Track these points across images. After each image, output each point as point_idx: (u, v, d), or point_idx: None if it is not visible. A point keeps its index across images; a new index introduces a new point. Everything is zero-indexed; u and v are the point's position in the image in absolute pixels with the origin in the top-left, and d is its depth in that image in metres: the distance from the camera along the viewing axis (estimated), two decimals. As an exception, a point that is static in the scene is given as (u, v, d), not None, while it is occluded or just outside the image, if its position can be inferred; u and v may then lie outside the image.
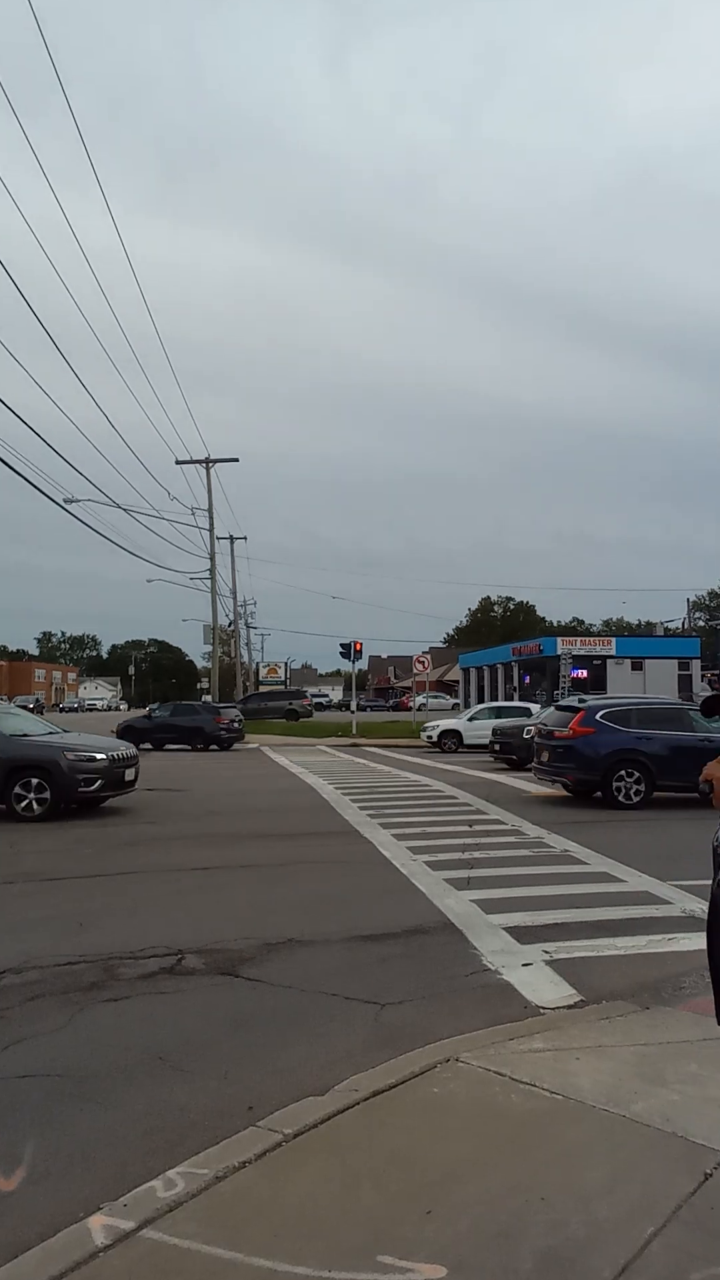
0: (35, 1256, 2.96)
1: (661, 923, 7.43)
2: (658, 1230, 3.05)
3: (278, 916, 7.72)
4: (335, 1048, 4.87)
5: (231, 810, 14.88)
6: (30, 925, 7.50)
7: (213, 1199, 3.26)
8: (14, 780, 13.55)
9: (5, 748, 13.85)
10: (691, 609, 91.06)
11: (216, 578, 45.91)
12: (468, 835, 11.94)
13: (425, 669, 43.06)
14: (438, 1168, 3.47)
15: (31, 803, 13.57)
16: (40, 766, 13.77)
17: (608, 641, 60.08)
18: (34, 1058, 4.75)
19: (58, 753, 13.92)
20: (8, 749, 13.86)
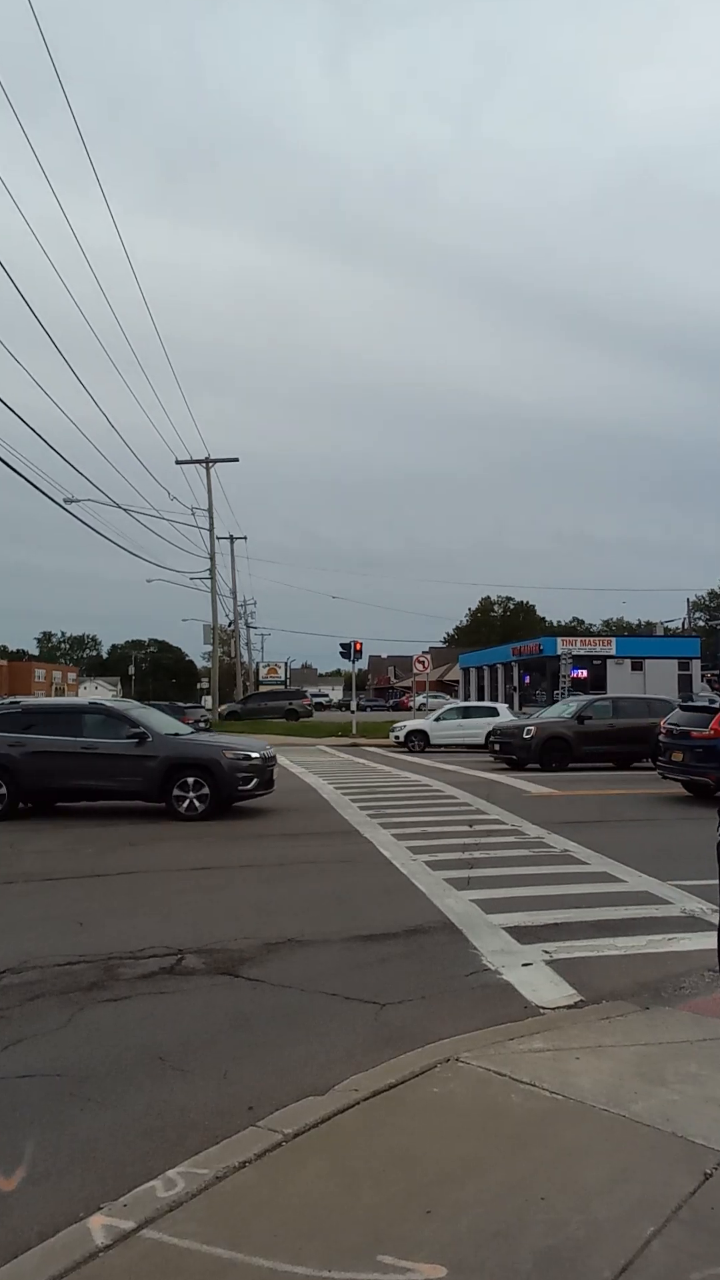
0: (35, 1256, 2.96)
1: (661, 923, 7.43)
2: (658, 1230, 3.05)
3: (278, 916, 7.72)
4: (335, 1047, 4.87)
5: (231, 810, 14.87)
6: (30, 925, 7.50)
7: (213, 1199, 3.27)
8: (174, 780, 13.43)
9: (164, 747, 13.76)
10: (691, 609, 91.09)
11: (216, 578, 45.97)
12: (468, 835, 11.94)
13: (425, 669, 43.06)
14: (438, 1168, 3.48)
15: (192, 802, 13.48)
16: (201, 766, 13.65)
17: (608, 641, 60.09)
18: (34, 1058, 4.76)
19: (218, 752, 13.89)
20: (167, 748, 13.77)
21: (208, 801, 13.47)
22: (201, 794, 13.48)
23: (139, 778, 13.51)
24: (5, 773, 13.60)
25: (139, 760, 13.49)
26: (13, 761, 13.61)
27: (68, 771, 13.59)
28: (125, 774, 13.52)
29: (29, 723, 14.07)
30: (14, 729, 13.94)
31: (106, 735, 13.84)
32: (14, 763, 13.60)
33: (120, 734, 13.78)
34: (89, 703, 16.08)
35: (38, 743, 13.70)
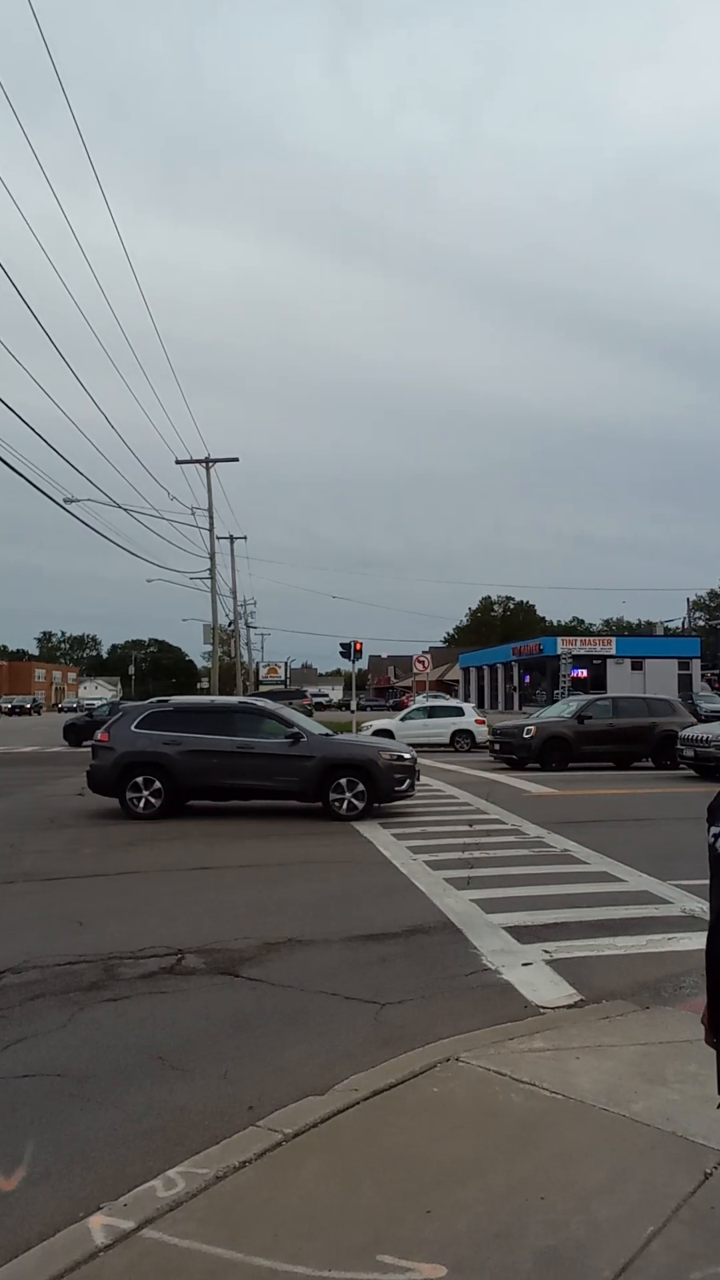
0: (35, 1256, 2.96)
1: (661, 922, 7.43)
2: (658, 1230, 3.05)
3: (278, 916, 7.72)
4: (335, 1047, 4.87)
5: (231, 809, 14.87)
6: (30, 925, 7.50)
7: (213, 1199, 3.27)
8: (330, 780, 13.37)
9: (320, 747, 13.72)
10: (691, 609, 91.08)
11: (216, 577, 45.89)
12: (467, 835, 11.94)
13: (425, 669, 43.08)
14: (438, 1167, 3.47)
15: (350, 802, 13.41)
16: (358, 766, 13.57)
17: (608, 641, 60.14)
18: (34, 1057, 4.75)
19: (374, 752, 13.86)
20: (323, 748, 13.73)
21: (364, 800, 13.40)
22: (358, 793, 13.40)
23: (296, 778, 13.47)
24: (162, 771, 13.53)
25: (296, 760, 13.45)
26: (169, 760, 13.52)
27: (223, 770, 13.53)
28: (282, 774, 13.49)
29: (180, 721, 13.98)
30: (166, 727, 13.83)
31: (260, 735, 13.82)
32: (170, 761, 13.52)
33: (274, 734, 13.78)
34: (239, 701, 16.06)
35: (193, 741, 13.60)
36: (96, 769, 13.96)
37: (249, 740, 13.69)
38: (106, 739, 13.98)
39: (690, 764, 19.47)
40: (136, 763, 13.58)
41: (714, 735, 19.10)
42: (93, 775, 14.07)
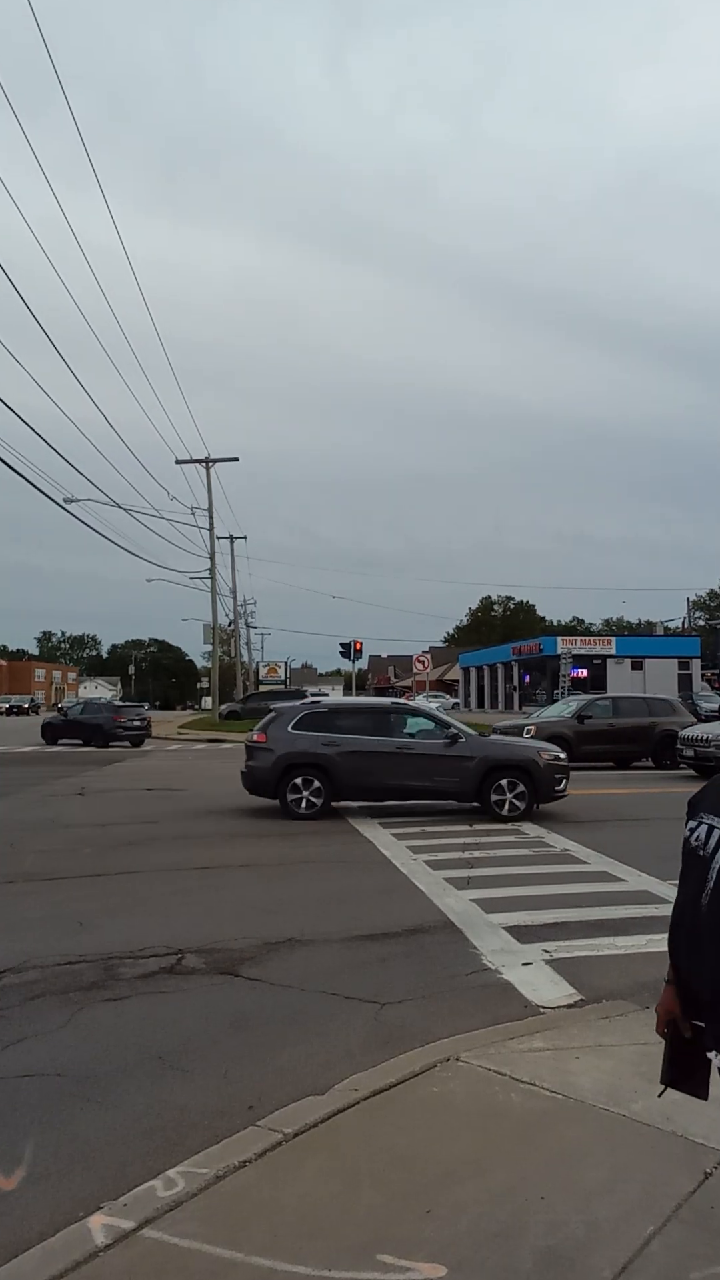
0: (35, 1256, 2.96)
1: (661, 922, 7.39)
2: (658, 1230, 3.05)
3: (277, 916, 7.72)
4: (335, 1047, 4.87)
5: (232, 809, 14.87)
6: (30, 925, 7.50)
7: (213, 1198, 3.27)
8: (491, 781, 13.29)
9: (480, 748, 13.68)
10: (691, 609, 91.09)
11: (216, 577, 45.95)
12: (467, 835, 11.94)
13: (425, 668, 43.09)
14: (438, 1167, 3.48)
15: (511, 802, 13.32)
16: (519, 767, 13.51)
17: (608, 641, 60.13)
18: (34, 1057, 4.75)
19: (534, 752, 13.85)
20: (483, 749, 13.69)
21: (525, 801, 13.32)
22: (519, 794, 13.32)
23: (456, 778, 13.40)
24: (322, 772, 13.47)
25: (456, 761, 13.39)
26: (329, 761, 13.46)
27: (384, 771, 13.47)
28: (442, 774, 13.43)
29: (336, 722, 13.91)
30: (323, 728, 13.75)
31: (418, 735, 13.79)
32: (330, 762, 13.46)
33: (432, 734, 13.76)
34: (393, 702, 15.92)
35: (352, 742, 13.54)
36: (256, 770, 13.82)
37: (408, 741, 13.66)
38: (264, 740, 13.83)
39: (690, 764, 19.47)
40: (297, 764, 13.53)
41: (714, 735, 19.09)
42: (251, 776, 13.93)
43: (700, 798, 2.43)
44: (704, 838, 2.29)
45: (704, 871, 2.24)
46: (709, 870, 2.22)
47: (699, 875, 2.26)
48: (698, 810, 2.38)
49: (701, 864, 2.26)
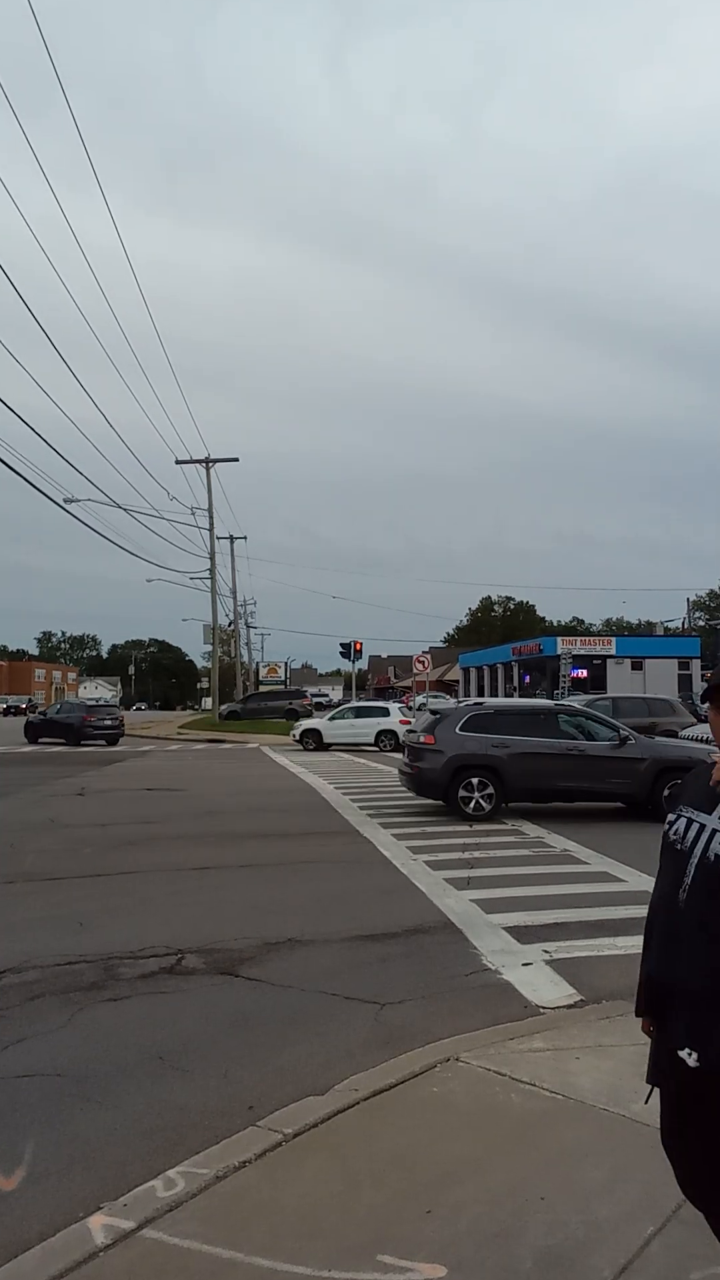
0: (35, 1256, 2.96)
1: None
2: (658, 1230, 3.05)
3: (278, 916, 7.72)
4: (335, 1047, 4.87)
5: (231, 810, 14.88)
6: (30, 925, 7.50)
7: (213, 1199, 3.27)
8: (664, 782, 13.17)
9: (649, 749, 13.65)
10: (691, 609, 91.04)
11: (216, 577, 45.95)
12: (467, 835, 11.94)
13: (425, 669, 43.07)
14: (438, 1167, 3.48)
15: None
16: (689, 769, 13.50)
17: (608, 641, 60.12)
18: (34, 1057, 4.75)
19: (705, 754, 13.78)
20: (653, 751, 13.66)
21: None
22: None
23: (627, 780, 13.38)
24: (494, 774, 13.42)
25: (626, 762, 13.37)
26: (500, 763, 13.42)
27: (555, 773, 13.46)
28: (613, 776, 13.42)
29: (503, 723, 13.85)
30: (490, 730, 13.69)
31: (587, 737, 13.78)
32: (501, 764, 13.43)
33: (600, 736, 13.73)
34: (557, 705, 15.88)
35: (522, 744, 13.51)
36: (426, 771, 13.71)
37: (577, 743, 13.65)
38: (432, 742, 13.76)
39: None
40: (468, 765, 13.48)
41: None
42: (421, 777, 13.85)
43: (680, 791, 2.42)
44: (683, 831, 2.26)
45: (683, 865, 2.22)
46: (688, 864, 2.20)
47: (677, 869, 2.23)
48: (677, 804, 2.36)
49: (680, 858, 2.23)
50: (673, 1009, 2.24)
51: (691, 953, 2.17)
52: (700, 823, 2.24)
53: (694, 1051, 2.16)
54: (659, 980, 2.30)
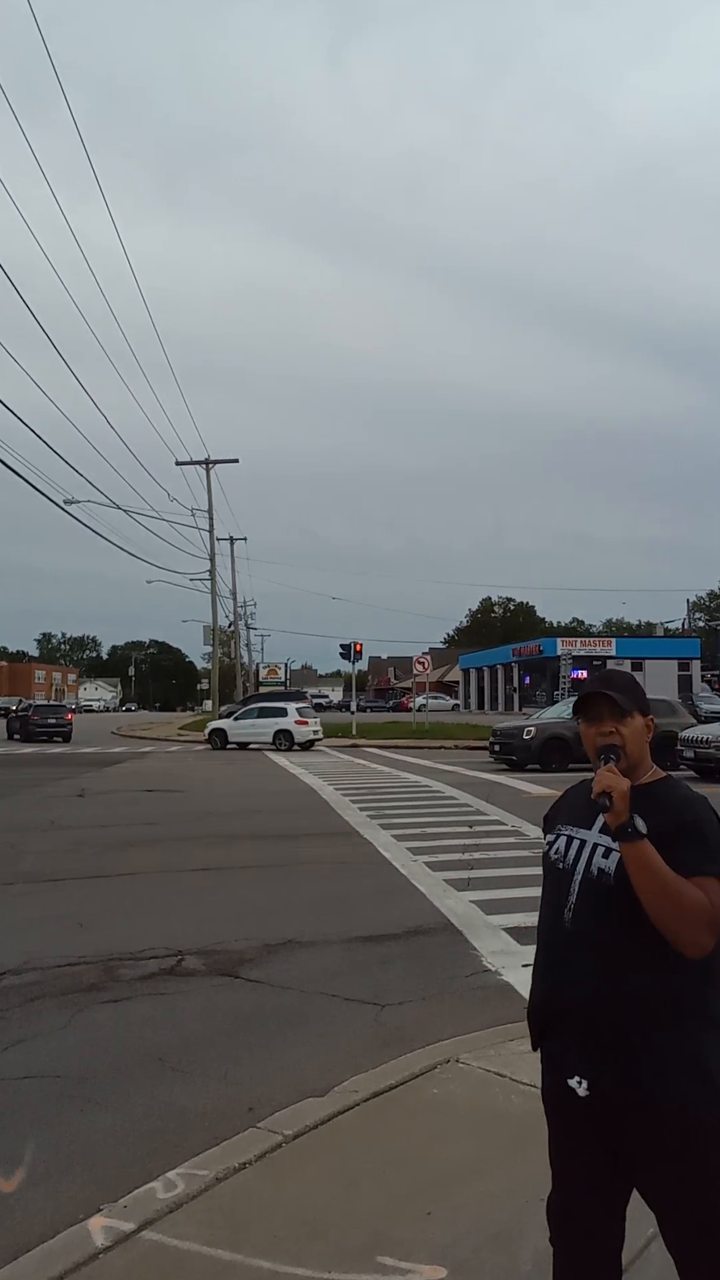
0: (35, 1257, 2.96)
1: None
2: (658, 1230, 3.04)
3: (278, 917, 7.72)
4: (335, 1049, 4.87)
5: (231, 811, 14.88)
6: (30, 926, 7.50)
7: (213, 1200, 3.26)
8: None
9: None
10: (691, 609, 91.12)
11: (216, 578, 45.96)
12: (468, 836, 11.94)
13: (425, 669, 43.04)
14: (438, 1169, 3.47)
15: None
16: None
17: (608, 642, 60.18)
18: (34, 1058, 4.75)
19: None
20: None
21: None
22: None
23: None
24: None
25: None
26: None
27: None
28: None
29: None
30: None
31: None
32: None
33: None
34: None
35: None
36: None
37: None
38: None
39: (690, 765, 19.46)
40: None
41: (714, 736, 19.10)
42: None
43: (556, 811, 2.35)
44: (564, 850, 2.19)
45: (566, 885, 2.14)
46: (571, 882, 2.13)
47: (561, 889, 2.15)
48: (555, 824, 2.30)
49: (563, 877, 2.16)
50: (560, 1036, 2.13)
51: (578, 975, 2.07)
52: (581, 839, 2.17)
53: (584, 1080, 2.05)
54: (547, 1006, 2.18)
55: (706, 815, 2.07)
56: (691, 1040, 1.98)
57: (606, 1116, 2.05)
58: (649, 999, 1.99)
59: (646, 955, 1.98)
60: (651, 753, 2.25)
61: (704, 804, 2.10)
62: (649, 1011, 1.99)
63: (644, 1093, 1.98)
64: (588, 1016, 2.05)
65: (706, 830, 2.03)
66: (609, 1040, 2.02)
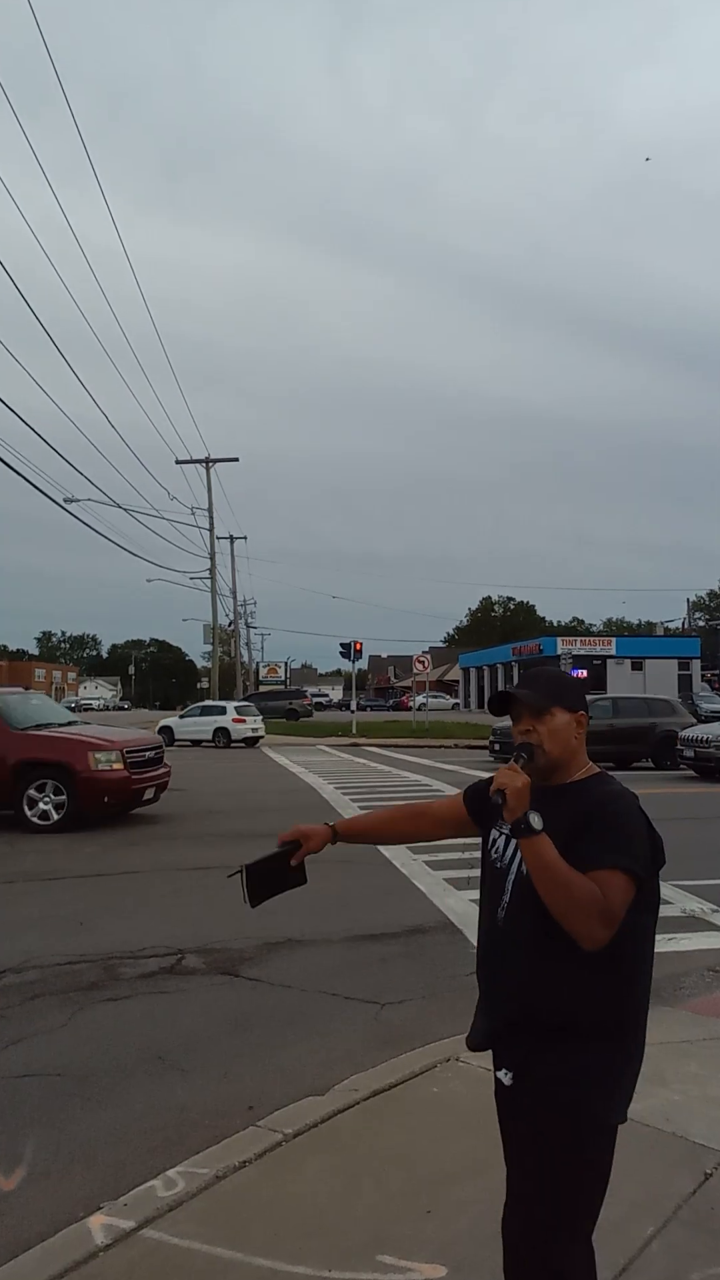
0: (35, 1256, 2.96)
1: (661, 923, 7.37)
2: (658, 1230, 3.05)
3: (277, 916, 7.69)
4: (335, 1047, 4.87)
5: (232, 810, 14.88)
6: (30, 925, 7.50)
7: (213, 1198, 3.27)
8: None
9: None
10: (691, 609, 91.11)
11: (216, 577, 45.92)
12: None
13: (425, 669, 43.03)
14: (438, 1167, 3.47)
15: None
16: None
17: (608, 641, 60.13)
18: (34, 1057, 4.75)
19: None
20: None
21: None
22: None
23: None
24: None
25: None
26: None
27: None
28: None
29: None
30: None
31: None
32: None
33: None
34: None
35: None
36: None
37: None
38: None
39: (690, 764, 19.46)
40: None
41: (714, 735, 19.10)
42: None
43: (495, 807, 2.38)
44: (502, 849, 2.21)
45: (502, 882, 2.16)
46: (506, 880, 2.15)
47: (498, 887, 2.18)
48: (497, 819, 2.27)
49: (500, 875, 2.18)
50: (496, 1030, 2.19)
51: (508, 971, 2.11)
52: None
53: (510, 1071, 2.13)
54: (482, 1001, 2.24)
55: (622, 810, 2.05)
56: (585, 1041, 2.04)
57: (525, 1108, 2.13)
58: (562, 995, 2.02)
59: (565, 951, 1.99)
60: (653, 752, 2.26)
61: (625, 799, 2.09)
62: (561, 1008, 2.03)
63: (537, 1082, 2.07)
64: (512, 1011, 2.10)
65: (618, 824, 2.02)
66: (528, 1035, 2.08)
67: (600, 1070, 2.05)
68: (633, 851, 1.99)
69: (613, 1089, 2.08)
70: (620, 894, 1.94)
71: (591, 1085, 2.04)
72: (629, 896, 1.96)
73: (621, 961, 2.03)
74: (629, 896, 1.96)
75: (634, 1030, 2.11)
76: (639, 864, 1.98)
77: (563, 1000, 2.03)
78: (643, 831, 2.04)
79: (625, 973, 2.06)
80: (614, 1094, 2.09)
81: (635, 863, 1.98)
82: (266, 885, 2.45)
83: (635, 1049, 2.13)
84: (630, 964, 2.06)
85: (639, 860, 1.99)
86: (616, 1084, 2.09)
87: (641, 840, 2.02)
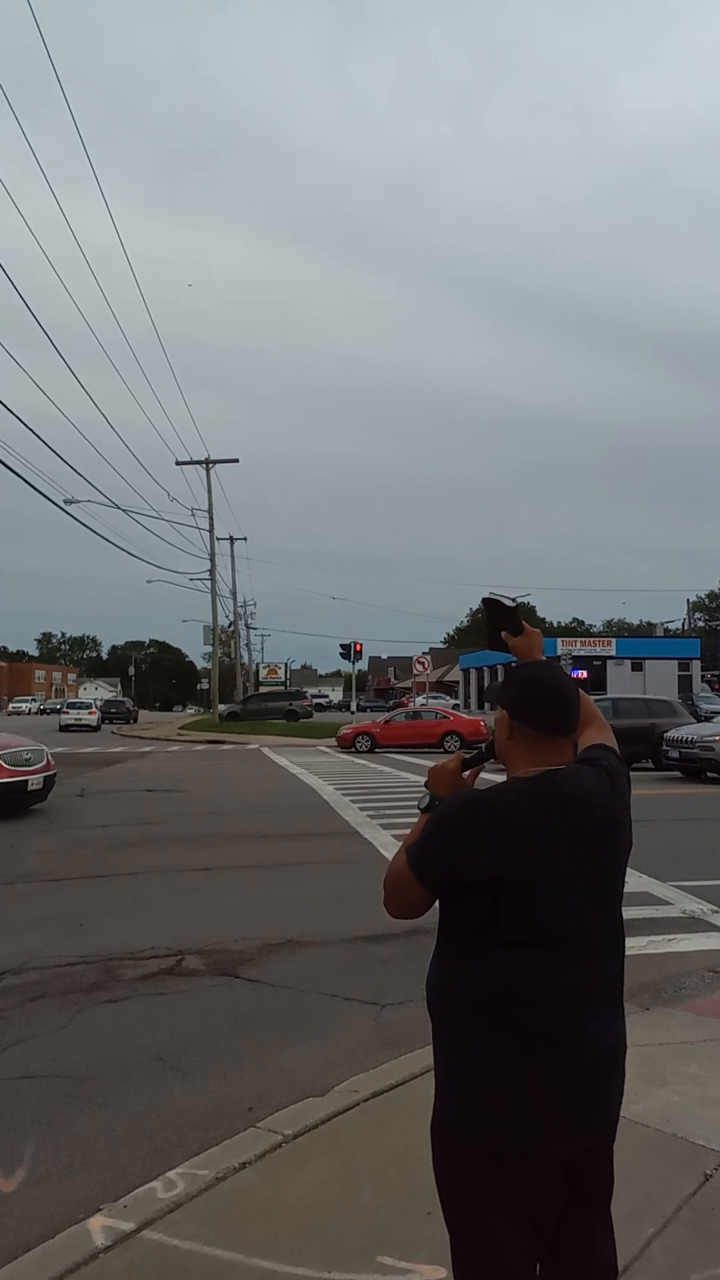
0: (35, 1257, 2.96)
1: (661, 923, 7.43)
2: (658, 1231, 3.05)
3: (277, 917, 7.72)
4: (335, 1048, 4.87)
5: (231, 811, 14.88)
6: (30, 926, 7.50)
7: (213, 1200, 3.27)
8: None
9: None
10: (691, 609, 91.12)
11: (216, 578, 45.95)
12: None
13: (425, 669, 43.01)
14: (438, 1168, 3.47)
15: None
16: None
17: (608, 642, 60.16)
18: (34, 1058, 4.75)
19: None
20: None
21: None
22: None
23: None
24: None
25: None
26: None
27: None
28: None
29: None
30: None
31: None
32: None
33: None
34: None
35: None
36: None
37: None
38: None
39: (676, 765, 19.20)
40: None
41: (698, 736, 18.96)
42: None
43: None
44: None
45: None
46: None
47: None
48: None
49: None
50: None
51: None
52: None
53: None
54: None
55: (446, 808, 2.05)
56: (442, 1024, 2.26)
57: None
58: (433, 983, 2.29)
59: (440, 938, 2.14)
60: (653, 753, 2.28)
61: (456, 800, 2.07)
62: (433, 996, 2.29)
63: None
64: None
65: (434, 817, 2.07)
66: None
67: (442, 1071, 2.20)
68: (423, 841, 2.04)
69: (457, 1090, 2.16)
70: (392, 868, 2.10)
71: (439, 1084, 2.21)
72: (403, 876, 2.07)
73: (460, 947, 2.19)
74: (403, 876, 2.07)
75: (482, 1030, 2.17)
76: (413, 855, 2.05)
77: (432, 989, 2.32)
78: (441, 833, 2.02)
79: (467, 955, 2.18)
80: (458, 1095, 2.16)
81: (415, 851, 2.04)
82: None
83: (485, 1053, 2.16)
84: (468, 951, 2.18)
85: (420, 853, 2.04)
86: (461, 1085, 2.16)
87: (431, 838, 2.03)
